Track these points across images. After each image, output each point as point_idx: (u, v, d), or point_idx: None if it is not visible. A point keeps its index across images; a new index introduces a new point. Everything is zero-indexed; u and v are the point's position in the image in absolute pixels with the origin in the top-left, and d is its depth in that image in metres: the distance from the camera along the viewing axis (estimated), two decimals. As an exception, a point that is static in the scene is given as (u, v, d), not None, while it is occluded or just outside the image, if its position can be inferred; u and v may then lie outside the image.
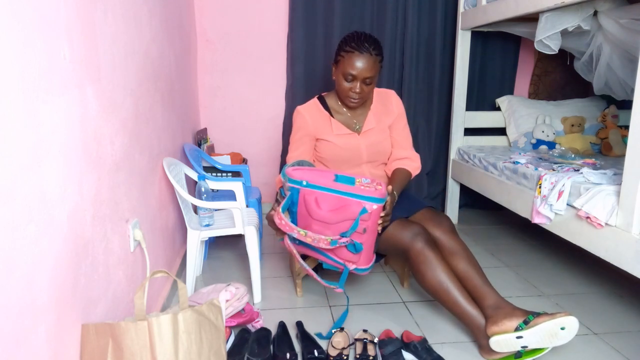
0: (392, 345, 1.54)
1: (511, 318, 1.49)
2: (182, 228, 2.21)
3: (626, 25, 2.10)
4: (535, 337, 1.45)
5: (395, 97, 2.00)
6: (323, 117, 1.91)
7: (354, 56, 1.73)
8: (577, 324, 1.43)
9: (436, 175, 3.29)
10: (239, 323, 1.65)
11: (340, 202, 1.52)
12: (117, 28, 1.37)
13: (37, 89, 0.89)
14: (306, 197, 1.54)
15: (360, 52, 1.72)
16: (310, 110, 1.92)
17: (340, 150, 1.89)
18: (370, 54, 1.73)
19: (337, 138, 1.89)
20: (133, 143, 1.50)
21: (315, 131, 1.90)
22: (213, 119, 3.09)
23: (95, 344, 1.06)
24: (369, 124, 1.92)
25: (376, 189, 1.52)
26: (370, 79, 1.77)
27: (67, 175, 1.01)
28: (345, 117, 1.93)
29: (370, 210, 1.50)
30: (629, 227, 1.49)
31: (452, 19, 3.00)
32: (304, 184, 1.54)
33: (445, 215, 1.85)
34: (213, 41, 2.99)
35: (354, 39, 1.76)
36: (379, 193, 1.51)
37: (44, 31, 0.93)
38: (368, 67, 1.73)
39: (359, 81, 1.76)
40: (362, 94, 1.80)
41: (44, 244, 0.91)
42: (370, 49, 1.73)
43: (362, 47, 1.72)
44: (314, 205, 1.53)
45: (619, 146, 2.62)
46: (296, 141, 1.93)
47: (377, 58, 1.75)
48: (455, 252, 1.70)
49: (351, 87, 1.79)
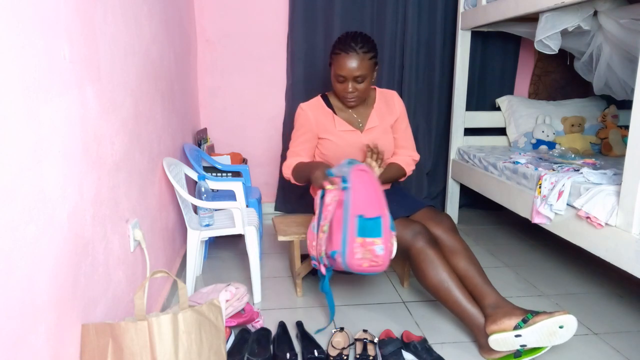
0: (392, 345, 1.54)
1: (510, 317, 1.50)
2: (182, 228, 2.21)
3: (626, 25, 2.10)
4: (534, 335, 1.45)
5: (397, 98, 2.02)
6: (326, 115, 1.92)
7: (340, 57, 1.76)
8: (575, 323, 1.43)
9: (436, 175, 3.30)
10: (239, 323, 1.65)
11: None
12: (117, 28, 1.37)
13: (37, 89, 0.89)
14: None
15: (347, 53, 1.75)
16: (313, 107, 1.93)
17: (342, 147, 1.90)
18: (357, 53, 1.74)
19: (340, 134, 1.90)
20: (133, 143, 1.50)
21: (318, 128, 1.91)
22: (213, 119, 3.09)
23: (95, 344, 1.06)
24: (372, 122, 1.93)
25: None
26: (361, 77, 1.78)
27: (67, 175, 1.01)
28: (348, 114, 1.94)
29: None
30: (629, 227, 1.49)
31: (452, 19, 3.00)
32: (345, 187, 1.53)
33: (445, 214, 1.85)
34: (213, 41, 2.99)
35: (342, 40, 1.79)
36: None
37: (44, 31, 0.93)
38: (356, 66, 1.75)
39: (350, 80, 1.79)
40: (356, 93, 1.82)
41: (44, 244, 0.91)
42: (357, 48, 1.74)
43: (349, 47, 1.75)
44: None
45: (619, 146, 2.62)
46: (298, 137, 1.93)
47: (365, 55, 1.76)
48: (456, 251, 1.70)
49: (344, 88, 1.81)
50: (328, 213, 1.54)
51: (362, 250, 1.47)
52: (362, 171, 1.54)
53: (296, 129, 1.95)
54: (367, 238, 1.47)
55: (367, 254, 1.48)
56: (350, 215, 1.49)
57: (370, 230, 1.48)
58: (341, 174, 1.56)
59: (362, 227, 1.48)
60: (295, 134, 1.95)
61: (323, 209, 1.58)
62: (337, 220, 1.52)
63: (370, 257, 1.48)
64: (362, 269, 1.50)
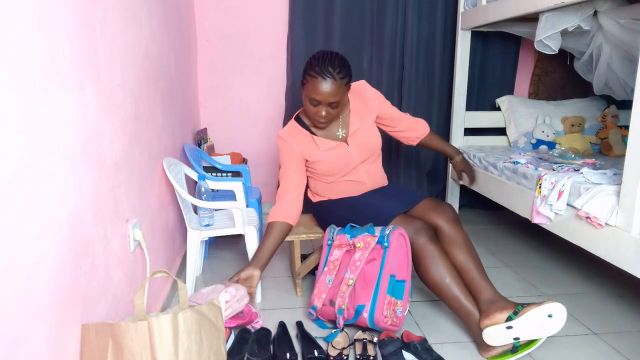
0: (392, 345, 1.54)
1: (502, 311, 1.51)
2: (182, 228, 2.21)
3: (626, 25, 2.10)
4: (525, 326, 1.45)
5: (368, 88, 1.97)
6: (305, 138, 1.89)
7: (317, 82, 1.69)
8: (564, 311, 1.44)
9: (436, 175, 3.30)
10: (238, 325, 1.65)
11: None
12: (117, 28, 1.37)
13: (37, 89, 0.89)
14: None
15: (324, 78, 1.67)
16: (291, 134, 1.90)
17: (332, 163, 1.89)
18: (334, 79, 1.68)
19: (325, 154, 1.88)
20: (133, 143, 1.50)
21: (303, 153, 1.89)
22: (213, 119, 3.09)
23: (95, 344, 1.06)
24: (354, 125, 1.90)
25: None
26: (335, 103, 1.74)
27: (67, 175, 1.01)
28: (326, 130, 1.91)
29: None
30: (629, 227, 1.49)
31: (452, 19, 3.00)
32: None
33: (448, 204, 1.85)
34: (213, 41, 2.99)
35: (318, 62, 1.71)
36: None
37: (44, 31, 0.93)
38: (332, 92, 1.69)
39: (324, 106, 1.74)
40: (328, 117, 1.78)
41: (44, 244, 0.90)
42: (334, 73, 1.68)
43: (326, 72, 1.67)
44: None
45: (619, 146, 2.62)
46: (288, 169, 1.89)
47: (341, 82, 1.71)
48: (456, 243, 1.70)
49: (316, 111, 1.76)
50: (357, 268, 1.65)
51: (388, 308, 1.60)
52: (401, 235, 1.65)
53: (283, 160, 1.91)
54: (393, 298, 1.62)
55: (391, 313, 1.61)
56: (385, 274, 1.61)
57: (396, 292, 1.63)
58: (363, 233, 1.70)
59: (391, 287, 1.62)
60: (284, 166, 1.90)
61: (346, 264, 1.70)
62: (365, 276, 1.64)
63: (392, 317, 1.61)
64: (384, 326, 1.61)
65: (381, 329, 1.63)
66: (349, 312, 1.63)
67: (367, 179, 1.96)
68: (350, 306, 1.64)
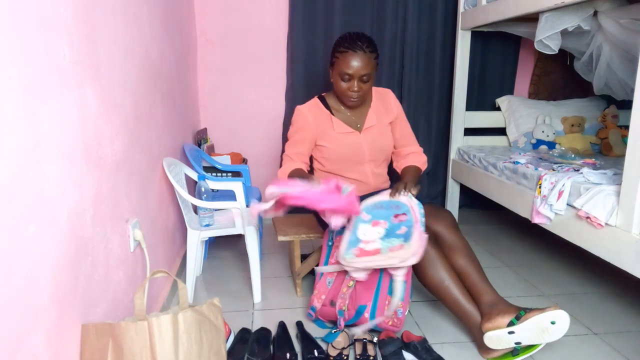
0: (392, 345, 1.54)
1: (504, 315, 1.51)
2: (182, 228, 2.21)
3: (626, 25, 2.10)
4: (527, 332, 1.45)
5: (392, 96, 2.02)
6: (324, 116, 1.91)
7: (348, 55, 1.74)
8: (567, 318, 1.44)
9: (436, 175, 3.29)
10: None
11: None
12: (117, 28, 1.37)
13: (37, 89, 0.89)
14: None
15: (354, 51, 1.74)
16: (311, 109, 1.92)
17: (342, 148, 1.89)
18: (364, 52, 1.74)
19: (338, 136, 1.89)
20: (133, 143, 1.50)
21: (317, 130, 1.90)
22: (213, 119, 3.09)
23: (95, 344, 1.06)
24: (370, 121, 1.93)
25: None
26: (367, 76, 1.77)
27: (67, 175, 1.01)
28: (346, 115, 1.93)
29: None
30: (629, 227, 1.49)
31: (452, 19, 3.00)
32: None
33: (447, 210, 1.85)
34: (213, 41, 2.99)
35: (347, 39, 1.78)
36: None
37: (44, 31, 0.93)
38: (363, 65, 1.74)
39: (356, 79, 1.77)
40: (360, 92, 1.81)
41: (44, 244, 0.90)
42: (364, 47, 1.74)
43: (356, 45, 1.74)
44: None
45: (619, 146, 2.62)
46: (296, 140, 1.90)
47: (371, 55, 1.76)
48: (456, 248, 1.71)
49: (349, 87, 1.79)
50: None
51: (388, 308, 1.64)
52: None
53: (294, 131, 1.92)
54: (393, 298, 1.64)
55: (391, 314, 1.64)
56: (385, 275, 1.66)
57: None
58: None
59: (391, 287, 1.64)
60: (293, 136, 1.91)
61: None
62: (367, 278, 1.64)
63: (392, 317, 1.65)
64: (384, 326, 1.64)
65: (381, 329, 1.63)
66: (349, 312, 1.65)
67: (372, 180, 1.95)
68: (351, 307, 1.66)
